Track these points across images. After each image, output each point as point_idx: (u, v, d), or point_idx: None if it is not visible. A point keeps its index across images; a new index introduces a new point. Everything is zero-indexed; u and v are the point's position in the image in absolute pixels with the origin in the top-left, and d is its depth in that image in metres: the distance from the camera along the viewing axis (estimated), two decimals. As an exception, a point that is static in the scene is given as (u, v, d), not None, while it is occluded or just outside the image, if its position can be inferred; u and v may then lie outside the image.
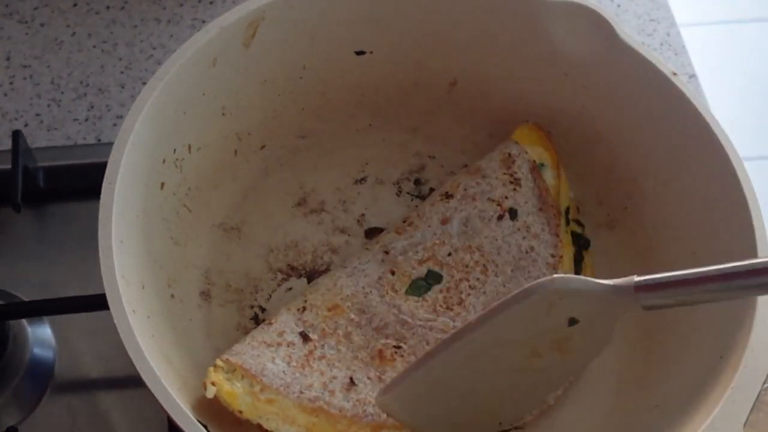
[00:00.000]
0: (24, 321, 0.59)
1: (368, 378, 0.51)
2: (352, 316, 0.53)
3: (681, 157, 0.53)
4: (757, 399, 0.43)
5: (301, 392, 0.50)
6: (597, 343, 0.47)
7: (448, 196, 0.58)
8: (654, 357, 0.53)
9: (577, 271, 0.57)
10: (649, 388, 0.51)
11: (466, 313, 0.54)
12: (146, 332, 0.46)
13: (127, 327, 0.43)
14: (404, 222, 0.58)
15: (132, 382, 0.57)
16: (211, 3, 0.77)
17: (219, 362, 0.50)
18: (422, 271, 0.55)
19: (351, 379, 0.51)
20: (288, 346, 0.51)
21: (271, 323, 0.53)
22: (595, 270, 0.58)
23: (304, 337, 0.52)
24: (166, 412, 0.41)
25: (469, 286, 0.55)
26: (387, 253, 0.56)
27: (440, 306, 0.54)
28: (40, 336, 0.59)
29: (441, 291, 0.55)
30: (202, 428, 0.41)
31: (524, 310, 0.45)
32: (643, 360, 0.53)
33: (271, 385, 0.49)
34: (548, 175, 0.58)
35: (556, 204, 0.57)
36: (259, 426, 0.49)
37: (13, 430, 0.54)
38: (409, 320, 0.53)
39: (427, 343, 0.53)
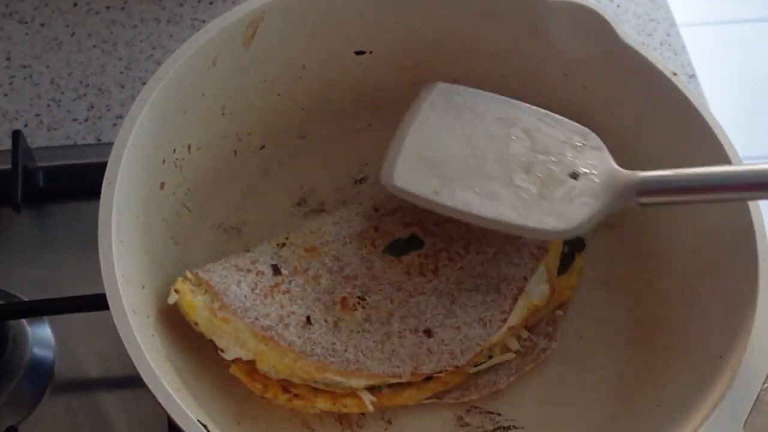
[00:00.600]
0: (24, 321, 0.59)
1: (324, 320, 0.52)
2: (326, 260, 0.54)
3: (681, 157, 0.53)
4: (757, 399, 0.43)
5: (257, 319, 0.51)
6: (568, 215, 0.50)
7: None
8: (654, 357, 0.53)
9: (564, 270, 0.57)
10: (649, 388, 0.51)
11: (437, 282, 0.54)
12: (146, 332, 0.46)
13: (127, 327, 0.43)
14: None
15: (132, 382, 0.57)
16: (210, 3, 0.77)
17: (188, 274, 0.51)
18: (406, 233, 0.56)
19: (308, 318, 0.52)
20: (257, 275, 0.53)
21: (248, 250, 0.54)
22: (594, 270, 0.58)
23: (275, 269, 0.53)
24: (166, 412, 0.41)
25: (448, 258, 0.55)
26: (377, 210, 0.57)
27: (414, 269, 0.55)
28: (40, 336, 0.59)
29: (419, 256, 0.55)
30: (202, 428, 0.41)
31: (568, 128, 0.54)
32: (643, 360, 0.53)
33: (230, 305, 0.51)
34: None
35: None
36: (212, 342, 0.51)
37: (12, 429, 0.54)
38: (380, 276, 0.54)
39: (391, 302, 0.53)
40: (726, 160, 0.50)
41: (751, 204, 0.48)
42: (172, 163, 0.54)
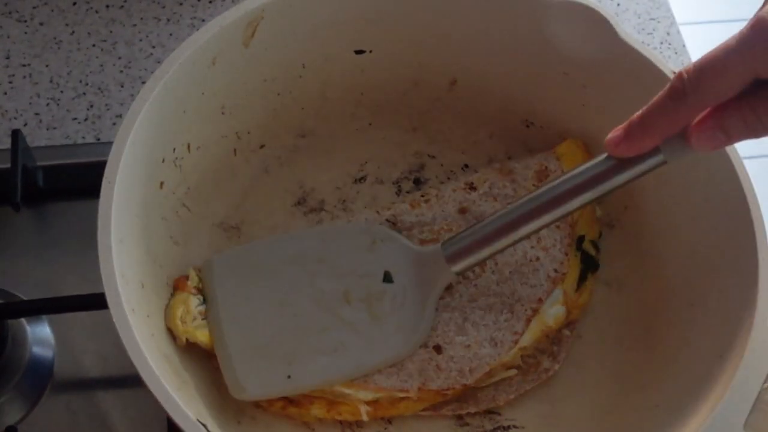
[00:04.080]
0: (23, 320, 0.59)
1: None
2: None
3: (681, 157, 0.53)
4: (757, 399, 0.43)
5: None
6: (408, 322, 0.52)
7: (472, 187, 0.58)
8: (654, 357, 0.53)
9: (575, 290, 0.56)
10: (649, 388, 0.51)
11: (450, 299, 0.54)
12: (146, 332, 0.46)
13: (126, 326, 0.43)
14: (421, 196, 0.58)
15: (132, 381, 0.57)
16: (210, 2, 0.77)
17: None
18: None
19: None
20: None
21: None
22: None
23: None
24: (166, 412, 0.41)
25: (462, 275, 0.55)
26: (394, 224, 0.57)
27: None
28: (40, 335, 0.59)
29: None
30: (202, 428, 0.41)
31: (349, 234, 0.55)
32: (643, 360, 0.53)
33: None
34: None
35: (574, 227, 0.57)
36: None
37: (12, 429, 0.54)
38: None
39: None
40: (726, 160, 0.50)
41: (751, 203, 0.48)
42: (172, 162, 0.54)
